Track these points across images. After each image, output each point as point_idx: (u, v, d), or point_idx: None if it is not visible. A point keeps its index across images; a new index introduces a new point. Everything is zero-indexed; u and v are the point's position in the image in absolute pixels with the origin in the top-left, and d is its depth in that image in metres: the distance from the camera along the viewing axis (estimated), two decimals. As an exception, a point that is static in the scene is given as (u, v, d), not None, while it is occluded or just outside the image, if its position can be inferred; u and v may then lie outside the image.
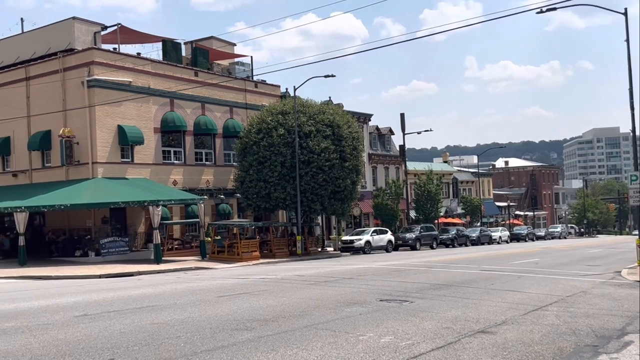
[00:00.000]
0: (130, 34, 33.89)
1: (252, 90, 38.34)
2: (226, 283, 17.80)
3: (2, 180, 32.43)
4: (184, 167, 33.70)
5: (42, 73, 30.84)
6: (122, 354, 7.90)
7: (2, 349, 8.26)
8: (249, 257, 29.16)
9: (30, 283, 20.26)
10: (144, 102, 31.28)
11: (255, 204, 33.25)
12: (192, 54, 36.59)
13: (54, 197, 26.98)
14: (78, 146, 29.32)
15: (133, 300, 13.76)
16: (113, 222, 30.48)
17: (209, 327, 9.74)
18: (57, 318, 11.09)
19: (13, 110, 31.57)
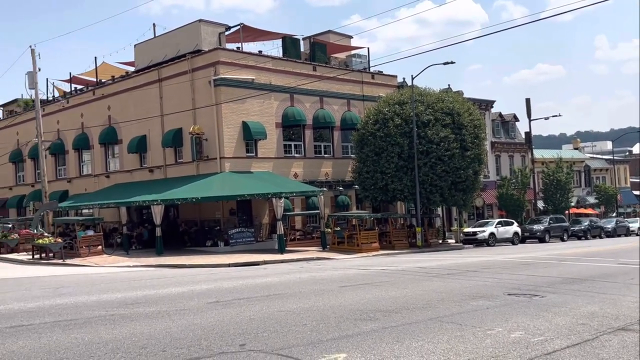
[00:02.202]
0: (252, 32, 35.18)
1: (369, 81, 38.33)
2: (348, 273, 17.99)
3: (140, 175, 35.05)
4: (304, 160, 34.46)
5: (172, 74, 32.88)
6: (252, 339, 8.23)
7: (145, 333, 8.93)
8: (369, 249, 29.26)
9: (167, 271, 21.76)
10: (266, 98, 32.36)
11: (372, 196, 33.28)
12: (311, 49, 37.26)
13: (186, 190, 28.75)
14: (207, 142, 30.96)
15: (260, 288, 14.31)
16: (240, 214, 31.90)
17: (334, 316, 9.89)
18: (192, 304, 11.80)
19: (148, 110, 33.97)
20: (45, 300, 13.13)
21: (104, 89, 37.69)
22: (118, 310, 11.25)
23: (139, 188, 32.03)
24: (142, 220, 34.67)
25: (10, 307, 12.03)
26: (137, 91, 34.81)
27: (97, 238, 29.04)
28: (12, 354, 7.68)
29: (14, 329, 9.42)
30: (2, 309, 11.89)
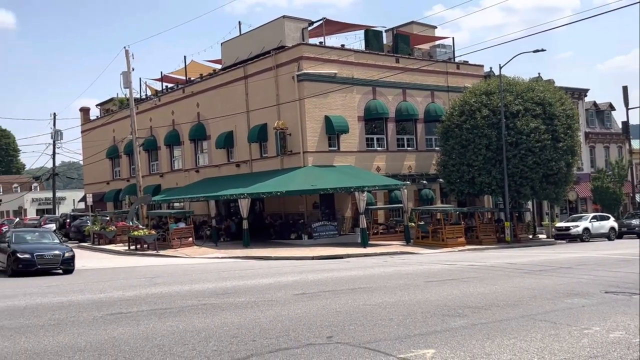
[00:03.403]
0: (334, 25, 35.26)
1: (454, 72, 37.44)
2: (433, 268, 17.71)
3: (227, 170, 36.11)
4: (387, 154, 34.21)
5: (257, 71, 33.57)
6: (339, 332, 8.27)
7: (236, 322, 9.19)
8: (454, 243, 28.66)
9: (254, 262, 22.32)
10: (348, 92, 32.36)
11: (458, 189, 32.52)
12: (393, 41, 36.87)
13: (271, 184, 29.32)
14: (290, 137, 31.41)
15: (345, 281, 14.37)
16: (323, 208, 32.16)
17: (420, 312, 9.76)
18: (279, 295, 12.03)
19: (235, 106, 34.89)
20: (141, 289, 13.82)
21: (193, 87, 39.07)
22: (209, 300, 11.65)
23: (226, 182, 33.01)
24: (230, 213, 35.73)
25: (110, 295, 12.76)
26: (224, 88, 35.82)
27: (188, 230, 30.23)
28: (113, 339, 8.13)
29: (114, 316, 9.98)
30: (103, 297, 12.64)
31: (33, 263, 18.34)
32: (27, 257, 18.41)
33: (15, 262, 18.30)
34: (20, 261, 18.30)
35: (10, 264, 18.49)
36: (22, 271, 18.31)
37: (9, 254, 18.71)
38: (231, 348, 7.45)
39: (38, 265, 18.39)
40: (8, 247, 19.13)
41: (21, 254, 18.46)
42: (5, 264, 19.00)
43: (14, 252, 18.56)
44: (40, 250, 18.83)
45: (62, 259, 18.84)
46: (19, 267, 18.30)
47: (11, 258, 18.49)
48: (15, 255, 18.40)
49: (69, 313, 10.41)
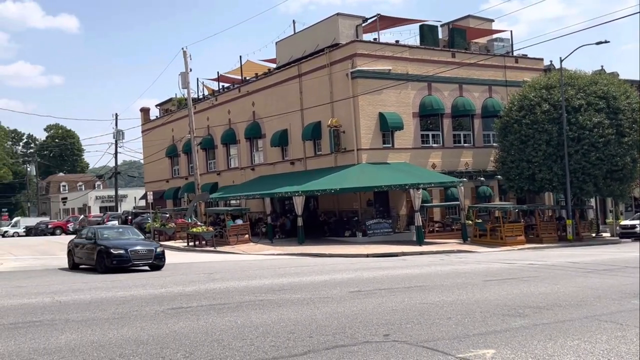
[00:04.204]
0: (388, 21, 34.99)
1: (512, 66, 36.51)
2: (492, 267, 17.35)
3: (282, 168, 36.46)
4: (443, 150, 33.72)
5: (311, 69, 33.71)
6: (396, 330, 8.21)
7: (292, 318, 9.27)
8: (513, 242, 27.98)
9: (309, 259, 22.45)
10: (403, 88, 32.07)
11: (517, 186, 31.70)
12: (449, 35, 36.28)
13: (325, 182, 29.41)
14: (344, 134, 31.40)
15: (401, 279, 14.26)
16: (377, 205, 32.01)
17: (479, 311, 9.58)
18: (334, 292, 12.05)
19: (289, 105, 35.17)
20: (200, 284, 14.13)
21: (248, 86, 39.62)
22: (266, 295, 11.80)
23: (281, 180, 33.34)
24: (285, 211, 36.07)
25: (171, 290, 13.11)
26: (279, 87, 36.16)
27: (244, 227, 30.72)
28: (174, 333, 8.35)
29: (175, 311, 10.25)
30: (164, 291, 12.99)
31: (127, 259, 18.14)
32: (122, 252, 18.17)
33: (109, 258, 18.04)
34: (114, 257, 18.04)
35: (103, 260, 18.22)
36: (116, 267, 18.09)
37: (99, 251, 18.46)
38: (288, 344, 7.52)
39: (132, 261, 18.25)
40: (94, 243, 18.97)
41: (115, 249, 18.17)
42: (94, 261, 18.73)
43: (106, 248, 18.29)
44: (132, 246, 18.61)
45: (154, 254, 18.76)
46: (113, 263, 18.06)
47: (103, 254, 18.25)
48: (108, 251, 18.13)
49: (132, 307, 10.76)
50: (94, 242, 19.15)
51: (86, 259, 19.62)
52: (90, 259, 19.22)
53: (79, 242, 20.43)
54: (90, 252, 19.19)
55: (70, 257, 20.59)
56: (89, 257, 19.28)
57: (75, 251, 20.23)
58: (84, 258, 19.69)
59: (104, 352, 7.31)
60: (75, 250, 20.25)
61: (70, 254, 20.73)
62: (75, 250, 20.25)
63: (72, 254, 20.53)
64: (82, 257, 19.79)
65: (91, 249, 19.12)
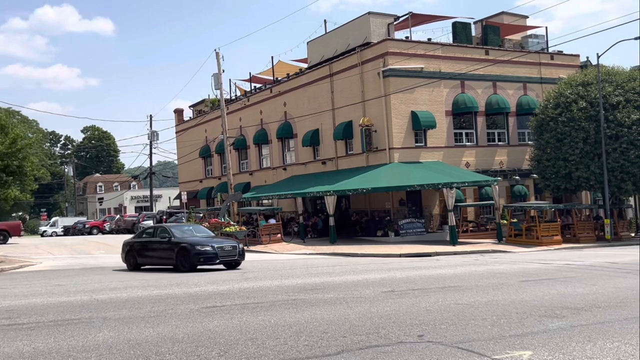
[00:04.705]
0: (420, 18, 34.72)
1: (547, 62, 35.84)
2: (527, 267, 17.06)
3: (313, 167, 36.52)
4: (476, 149, 33.30)
5: (343, 68, 33.68)
6: (430, 331, 8.13)
7: (325, 318, 9.26)
8: (550, 242, 27.47)
9: (341, 259, 22.41)
10: (435, 87, 31.79)
11: (553, 185, 31.10)
12: (482, 32, 35.81)
13: (357, 181, 29.34)
14: (376, 134, 31.28)
15: (434, 279, 14.13)
16: (409, 205, 31.80)
17: (515, 312, 9.42)
18: (367, 292, 12.00)
19: (320, 104, 35.22)
20: (234, 283, 14.25)
21: (280, 87, 39.81)
22: (299, 295, 11.82)
23: (312, 179, 33.40)
24: (317, 210, 36.12)
25: (205, 289, 13.24)
26: (310, 87, 36.23)
27: (276, 227, 30.87)
28: (209, 331, 8.42)
29: (209, 309, 10.35)
30: (198, 290, 13.14)
31: (215, 255, 17.77)
32: (208, 249, 17.72)
33: (197, 255, 17.64)
34: (202, 254, 17.68)
35: (187, 258, 17.76)
36: (202, 265, 17.80)
37: (181, 249, 17.91)
38: (322, 343, 7.51)
39: (220, 258, 17.89)
40: (169, 242, 18.36)
41: (201, 247, 17.71)
42: (172, 260, 18.20)
43: (191, 245, 17.78)
44: (217, 243, 18.28)
45: (238, 251, 18.34)
46: (200, 260, 17.71)
47: (187, 252, 17.75)
48: (194, 249, 17.66)
49: (167, 305, 10.91)
50: (168, 241, 18.48)
51: (159, 259, 18.98)
52: (165, 258, 18.60)
53: (143, 241, 19.57)
54: (166, 251, 18.49)
55: (131, 258, 19.58)
56: (164, 257, 18.64)
57: (139, 252, 19.35)
58: (156, 258, 19.03)
59: (141, 350, 7.42)
60: (140, 251, 19.37)
61: (130, 254, 19.68)
62: (140, 251, 19.36)
63: (133, 255, 19.56)
64: (153, 257, 19.13)
65: (167, 248, 18.42)
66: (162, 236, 18.93)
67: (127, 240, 20.69)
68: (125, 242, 20.55)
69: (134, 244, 19.83)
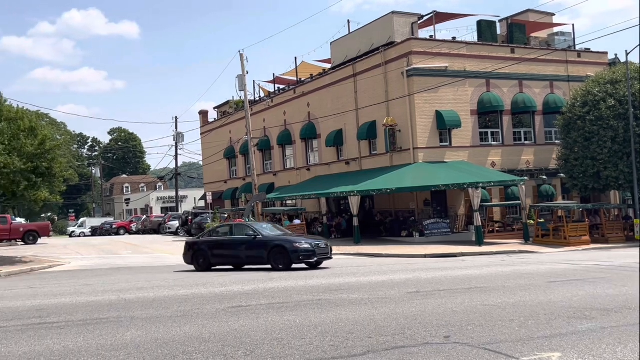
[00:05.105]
0: (445, 17, 34.49)
1: (575, 60, 35.28)
2: (555, 268, 16.82)
3: (337, 168, 36.50)
4: (502, 148, 32.94)
5: (366, 68, 33.60)
6: (456, 332, 8.07)
7: (351, 318, 9.25)
8: (578, 242, 27.03)
9: (365, 260, 22.37)
10: (460, 86, 31.53)
11: (581, 184, 30.60)
12: (508, 31, 35.42)
13: (381, 181, 29.25)
14: (400, 134, 31.14)
15: (460, 280, 14.02)
16: (434, 205, 31.59)
17: (543, 313, 9.30)
18: (392, 293, 11.96)
19: (344, 105, 35.19)
20: (259, 283, 14.32)
21: (303, 87, 39.88)
22: (324, 295, 11.83)
23: (336, 180, 33.38)
24: (340, 211, 36.09)
25: (230, 289, 13.33)
26: (334, 87, 36.22)
27: (300, 227, 30.92)
28: (235, 331, 8.48)
29: (235, 309, 10.41)
30: (224, 290, 13.23)
31: (313, 253, 17.70)
32: (308, 247, 17.68)
33: (296, 253, 17.54)
34: (302, 252, 17.59)
35: (284, 256, 17.64)
36: (301, 263, 17.78)
37: (275, 246, 17.73)
38: (347, 344, 7.51)
39: (317, 256, 17.82)
40: (254, 240, 18.11)
41: (299, 244, 17.70)
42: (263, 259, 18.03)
43: (290, 243, 17.71)
44: (311, 240, 18.39)
45: (329, 249, 18.47)
46: (300, 258, 17.64)
47: (283, 250, 17.63)
48: (293, 246, 17.58)
49: (193, 305, 11.01)
50: (253, 239, 18.20)
51: (241, 258, 18.71)
52: (253, 256, 18.39)
53: (217, 240, 19.08)
54: (253, 249, 18.26)
55: (201, 258, 18.97)
56: (251, 255, 18.41)
57: (213, 251, 18.83)
58: (237, 257, 18.73)
59: (168, 349, 7.50)
60: (213, 250, 18.84)
61: (199, 255, 19.04)
62: (213, 251, 18.84)
63: (203, 255, 18.94)
64: (231, 256, 18.85)
65: (255, 246, 18.17)
66: (247, 234, 18.59)
67: (192, 240, 20.18)
68: (190, 242, 20.02)
69: (203, 244, 19.16)
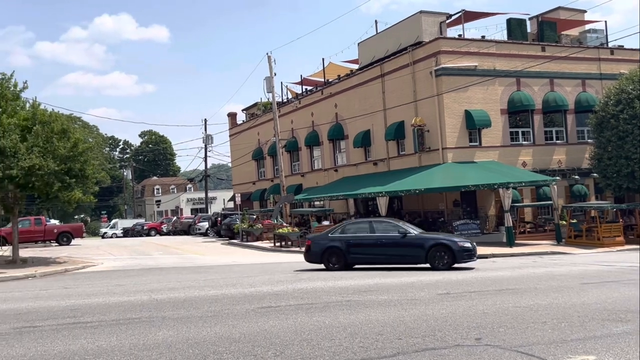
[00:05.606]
0: (474, 16, 34.13)
1: (607, 58, 34.55)
2: (589, 269, 16.50)
3: (365, 168, 36.39)
4: (533, 148, 32.43)
5: (394, 68, 33.44)
6: (488, 334, 7.97)
7: (380, 320, 9.21)
8: (612, 243, 26.42)
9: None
10: (490, 85, 31.15)
11: (615, 184, 29.92)
12: (538, 29, 34.87)
13: (409, 182, 29.05)
14: (428, 134, 30.90)
15: (491, 282, 13.85)
16: (464, 205, 31.25)
17: (577, 315, 9.13)
18: (422, 295, 11.87)
19: (372, 105, 35.08)
20: (288, 284, 14.36)
21: (331, 88, 39.89)
22: (353, 296, 11.81)
23: (364, 180, 33.29)
24: (368, 212, 35.94)
25: (260, 290, 13.40)
26: (361, 88, 36.14)
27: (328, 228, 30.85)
28: (265, 332, 8.52)
29: (265, 310, 10.46)
30: (253, 291, 13.31)
31: (474, 253, 17.78)
32: (469, 246, 17.69)
33: (461, 252, 17.42)
34: (465, 251, 17.51)
35: (448, 255, 17.42)
36: (462, 262, 17.65)
37: (436, 245, 17.54)
38: (377, 345, 7.48)
39: (475, 256, 17.87)
40: (403, 237, 17.82)
41: (462, 243, 17.74)
42: (418, 257, 17.72)
43: (454, 242, 17.64)
44: (466, 239, 18.57)
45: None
46: (464, 257, 17.53)
47: (447, 249, 17.47)
48: (456, 245, 17.52)
49: (223, 306, 11.10)
50: (403, 237, 17.90)
51: (396, 256, 18.23)
52: (406, 255, 18.02)
53: (357, 237, 18.41)
54: (406, 247, 17.88)
55: (334, 257, 18.42)
56: (404, 254, 18.03)
57: (353, 249, 18.27)
58: (393, 255, 18.23)
59: (199, 349, 7.57)
60: (354, 248, 18.29)
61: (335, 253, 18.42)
62: (354, 249, 18.29)
63: (339, 253, 18.35)
64: (376, 255, 18.34)
65: (409, 245, 17.85)
66: (393, 232, 18.19)
67: (320, 238, 19.27)
68: (317, 240, 19.20)
69: (337, 241, 18.47)
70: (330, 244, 18.59)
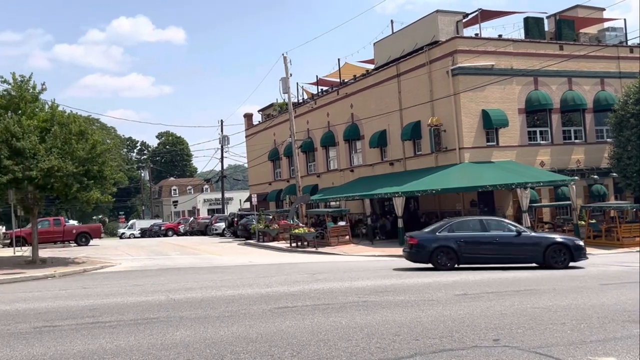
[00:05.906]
0: (490, 15, 33.89)
1: (627, 56, 34.09)
2: (608, 270, 16.32)
3: (381, 169, 36.31)
4: (551, 147, 32.12)
5: (410, 68, 33.31)
6: (506, 335, 7.91)
7: (397, 320, 9.18)
8: (631, 243, 26.07)
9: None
10: (507, 84, 30.91)
11: (635, 184, 29.53)
12: (556, 27, 34.53)
13: (426, 182, 28.93)
14: (445, 133, 30.74)
15: (509, 282, 13.74)
16: (481, 205, 31.04)
17: (596, 316, 9.02)
18: (439, 295, 11.81)
19: (388, 105, 34.98)
20: (304, 285, 14.37)
21: (346, 89, 39.86)
22: (369, 297, 11.79)
23: (380, 181, 33.21)
24: (385, 212, 35.88)
25: (276, 290, 13.43)
26: (377, 88, 36.06)
27: (344, 228, 30.92)
28: (281, 332, 8.53)
29: (281, 310, 10.48)
30: (270, 291, 13.34)
31: (585, 252, 17.90)
32: (582, 244, 17.97)
33: (577, 251, 17.63)
34: (581, 249, 17.77)
35: (567, 255, 17.47)
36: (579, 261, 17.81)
37: (554, 244, 17.45)
38: (394, 346, 7.45)
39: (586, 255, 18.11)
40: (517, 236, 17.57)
41: (578, 242, 18.04)
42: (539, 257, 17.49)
43: (571, 240, 18.02)
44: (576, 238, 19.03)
45: None
46: (580, 256, 17.71)
47: (567, 249, 17.50)
48: (575, 244, 17.75)
49: (240, 306, 11.14)
50: (516, 235, 17.65)
51: (512, 256, 17.79)
52: (522, 255, 17.72)
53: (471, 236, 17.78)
54: (522, 247, 17.59)
55: (443, 256, 17.71)
56: (519, 254, 17.69)
57: (465, 249, 17.62)
58: (509, 255, 17.76)
59: (216, 349, 7.61)
60: (466, 247, 17.63)
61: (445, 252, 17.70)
62: (467, 248, 17.63)
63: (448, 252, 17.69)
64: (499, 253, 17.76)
65: (524, 244, 17.61)
66: (515, 230, 17.91)
67: (425, 237, 18.32)
68: (422, 239, 18.30)
69: (448, 240, 17.77)
70: (441, 243, 17.75)
